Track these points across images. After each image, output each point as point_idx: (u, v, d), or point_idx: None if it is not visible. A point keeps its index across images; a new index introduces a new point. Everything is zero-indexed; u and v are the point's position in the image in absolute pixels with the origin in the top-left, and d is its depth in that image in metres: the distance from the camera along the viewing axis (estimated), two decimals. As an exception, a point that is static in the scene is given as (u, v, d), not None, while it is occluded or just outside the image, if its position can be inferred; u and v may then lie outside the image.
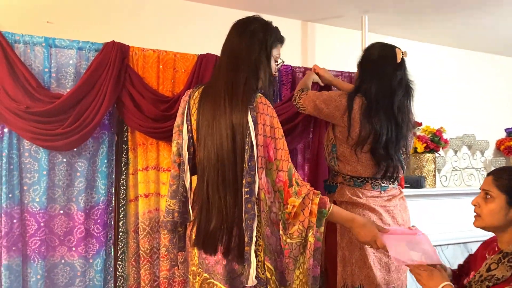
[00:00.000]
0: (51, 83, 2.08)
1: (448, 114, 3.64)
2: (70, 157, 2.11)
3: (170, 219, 1.72)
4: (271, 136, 1.56)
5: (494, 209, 1.51)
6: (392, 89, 1.94)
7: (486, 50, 3.84)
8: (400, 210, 1.99)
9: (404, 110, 1.96)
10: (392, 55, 1.99)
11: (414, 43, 3.55)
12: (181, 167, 1.70)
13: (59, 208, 2.08)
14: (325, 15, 2.99)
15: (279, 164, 1.53)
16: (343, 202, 1.96)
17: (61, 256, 2.08)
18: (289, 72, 2.62)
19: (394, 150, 1.93)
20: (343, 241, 1.93)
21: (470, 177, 3.70)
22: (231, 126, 1.54)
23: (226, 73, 1.61)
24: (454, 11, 2.91)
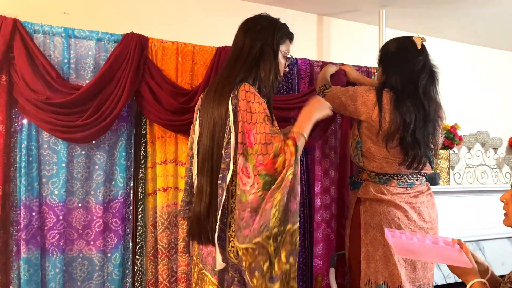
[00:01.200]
0: (70, 74, 2.05)
1: (462, 110, 3.61)
2: (88, 149, 2.08)
3: (182, 208, 1.84)
4: (251, 122, 1.54)
5: None
6: (415, 75, 1.91)
7: (502, 47, 3.81)
8: (427, 207, 1.95)
9: (430, 94, 1.93)
10: (411, 43, 1.97)
11: (431, 39, 3.52)
12: (191, 159, 1.77)
13: (77, 201, 2.05)
14: (342, 9, 2.96)
15: (259, 149, 1.49)
16: (367, 199, 1.94)
17: (79, 250, 2.05)
18: (307, 66, 2.59)
19: (422, 136, 1.88)
20: (367, 237, 1.91)
21: (483, 175, 3.68)
22: (212, 120, 1.62)
23: (223, 70, 1.67)
24: (469, 6, 2.88)
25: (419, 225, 1.88)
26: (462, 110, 3.62)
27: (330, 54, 3.05)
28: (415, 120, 1.86)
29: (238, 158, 1.53)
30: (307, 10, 2.98)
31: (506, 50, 3.90)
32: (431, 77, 1.96)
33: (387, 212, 1.88)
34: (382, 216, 1.88)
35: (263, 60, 1.65)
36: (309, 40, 3.03)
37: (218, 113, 1.60)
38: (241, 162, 1.52)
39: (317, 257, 2.55)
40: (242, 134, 1.54)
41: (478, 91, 3.76)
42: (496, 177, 3.74)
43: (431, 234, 1.88)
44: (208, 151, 1.62)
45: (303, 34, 2.99)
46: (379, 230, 1.88)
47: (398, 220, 1.86)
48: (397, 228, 1.85)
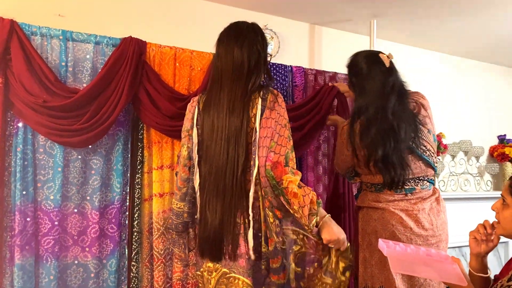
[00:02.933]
0: (68, 77, 2.02)
1: (447, 120, 3.71)
2: (85, 154, 2.05)
3: (181, 220, 1.78)
4: (278, 121, 1.60)
5: (508, 217, 1.41)
6: (385, 98, 1.92)
7: (485, 59, 3.95)
8: (430, 214, 1.94)
9: (400, 115, 1.92)
10: (379, 63, 1.98)
11: (420, 50, 3.62)
12: (191, 169, 1.75)
13: (73, 207, 2.01)
14: (334, 19, 3.01)
15: (273, 146, 1.56)
16: (364, 207, 1.98)
17: (74, 257, 2.01)
18: (302, 74, 2.62)
19: (396, 158, 1.89)
20: (364, 243, 1.94)
21: (466, 182, 3.77)
22: (227, 138, 1.62)
23: (230, 87, 1.66)
24: (456, 20, 2.97)
25: (416, 232, 1.88)
26: (447, 119, 3.72)
27: (321, 63, 3.09)
28: (384, 146, 1.87)
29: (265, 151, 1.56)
30: (300, 19, 3.02)
31: (489, 62, 4.03)
32: (400, 97, 1.96)
33: (381, 219, 1.91)
34: (377, 222, 1.92)
35: (263, 67, 1.72)
36: (302, 48, 3.07)
37: (237, 122, 1.61)
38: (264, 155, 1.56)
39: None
40: (263, 129, 1.59)
41: (462, 101, 3.88)
42: (478, 184, 3.84)
43: (433, 244, 1.91)
44: (221, 175, 1.61)
45: (296, 42, 3.03)
46: (374, 236, 1.91)
47: (392, 227, 1.88)
48: (391, 234, 1.87)
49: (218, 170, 1.62)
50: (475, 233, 1.49)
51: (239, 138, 1.60)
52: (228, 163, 1.60)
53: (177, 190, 1.79)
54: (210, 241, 1.62)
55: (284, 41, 2.94)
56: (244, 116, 1.61)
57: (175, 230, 1.81)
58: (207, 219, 1.64)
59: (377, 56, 2.02)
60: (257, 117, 1.61)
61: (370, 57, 2.04)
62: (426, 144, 1.99)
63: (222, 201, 1.61)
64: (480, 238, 1.47)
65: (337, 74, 2.74)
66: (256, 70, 1.69)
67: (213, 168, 1.64)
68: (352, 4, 2.73)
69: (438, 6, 2.74)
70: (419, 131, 1.98)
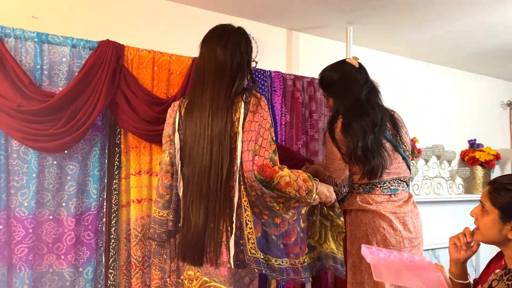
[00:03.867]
0: (43, 81, 1.97)
1: (420, 124, 3.79)
2: (60, 159, 2.00)
3: (165, 229, 1.75)
4: (261, 124, 1.60)
5: (487, 224, 1.39)
6: (360, 92, 2.01)
7: (457, 66, 4.06)
8: (412, 217, 1.98)
9: (373, 102, 2.01)
10: (349, 66, 2.08)
11: (394, 57, 3.70)
12: (174, 176, 1.72)
13: (48, 214, 1.96)
14: (311, 25, 3.04)
15: (257, 149, 1.56)
16: (353, 210, 1.98)
17: (49, 265, 1.96)
18: (280, 79, 2.64)
19: (375, 148, 1.93)
20: (353, 248, 1.94)
21: (439, 186, 3.86)
22: (210, 139, 1.60)
23: (212, 87, 1.65)
24: (430, 26, 3.05)
25: (404, 235, 1.92)
26: (420, 124, 3.80)
27: (299, 68, 3.11)
28: (364, 134, 1.91)
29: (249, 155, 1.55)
30: (277, 25, 3.04)
31: (459, 69, 4.15)
32: (373, 89, 2.08)
33: (372, 222, 1.91)
34: (367, 226, 1.92)
35: (246, 70, 1.71)
36: (279, 53, 3.08)
37: (220, 124, 1.60)
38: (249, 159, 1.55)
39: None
40: (254, 133, 1.58)
41: (435, 107, 3.97)
42: (450, 188, 3.94)
43: (416, 245, 1.95)
44: (205, 176, 1.59)
45: (274, 47, 3.04)
46: (365, 240, 1.91)
47: (383, 230, 1.90)
48: (383, 238, 1.89)
49: (202, 171, 1.59)
50: (455, 239, 1.49)
51: (223, 140, 1.59)
52: (212, 164, 1.58)
53: (159, 197, 1.75)
54: (193, 245, 1.60)
55: (263, 46, 2.95)
56: (227, 120, 1.60)
57: (158, 240, 1.77)
58: (190, 222, 1.61)
59: (344, 61, 2.12)
60: (240, 121, 1.60)
61: (337, 65, 2.12)
62: (406, 144, 2.06)
63: (206, 204, 1.59)
64: (459, 245, 1.48)
65: (315, 80, 2.76)
66: (239, 73, 1.68)
67: (196, 169, 1.61)
68: (329, 10, 2.76)
69: (411, 13, 2.81)
70: (400, 128, 2.05)
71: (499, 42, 3.33)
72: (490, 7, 2.69)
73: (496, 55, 3.68)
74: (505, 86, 4.59)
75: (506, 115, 4.61)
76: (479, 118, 4.32)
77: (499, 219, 1.37)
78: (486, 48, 3.48)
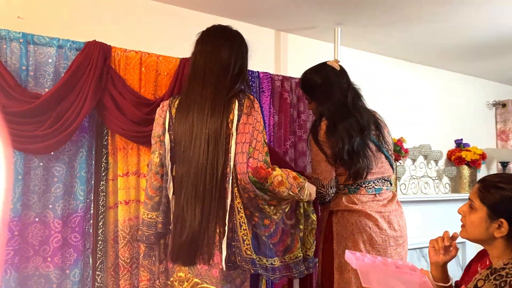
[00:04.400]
0: (29, 82, 1.95)
1: (407, 125, 3.83)
2: (47, 161, 1.98)
3: (153, 231, 1.76)
4: (255, 127, 1.62)
5: (475, 221, 1.40)
6: (343, 96, 2.04)
7: (444, 67, 4.11)
8: (396, 216, 2.01)
9: (358, 106, 2.05)
10: (331, 69, 2.09)
11: (382, 57, 3.72)
12: (164, 177, 1.72)
13: (34, 216, 1.94)
14: (298, 26, 3.05)
15: (251, 152, 1.58)
16: (339, 210, 1.99)
17: (35, 268, 1.93)
18: (268, 80, 2.64)
19: (361, 149, 1.95)
20: (340, 248, 1.95)
21: (426, 185, 3.90)
22: (207, 138, 1.61)
23: (215, 86, 1.67)
24: (417, 27, 3.08)
25: (389, 234, 1.94)
26: (408, 124, 3.84)
27: (287, 69, 3.12)
28: (350, 137, 1.93)
29: (243, 157, 1.58)
30: (266, 25, 3.05)
31: (448, 70, 4.20)
32: (356, 93, 2.11)
33: (358, 222, 1.93)
34: (354, 226, 1.93)
35: (244, 73, 1.75)
36: (267, 54, 3.09)
37: (216, 124, 1.61)
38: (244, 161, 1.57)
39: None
40: (248, 135, 1.60)
41: (422, 107, 4.01)
42: (437, 187, 3.98)
43: (401, 244, 1.97)
44: (201, 176, 1.60)
45: (262, 48, 3.04)
46: (351, 240, 1.93)
47: (369, 230, 1.92)
48: (369, 237, 1.91)
49: (198, 170, 1.60)
50: (434, 242, 1.51)
51: (218, 140, 1.60)
52: (208, 163, 1.59)
53: (147, 199, 1.75)
54: (187, 245, 1.60)
55: (251, 47, 2.93)
56: (223, 120, 1.61)
57: (146, 242, 1.77)
58: (185, 222, 1.61)
59: (325, 64, 2.13)
60: (234, 123, 1.61)
61: (319, 68, 2.14)
62: (389, 144, 2.09)
63: (201, 204, 1.59)
64: (438, 248, 1.49)
65: (302, 80, 2.77)
66: (240, 75, 1.71)
67: (192, 168, 1.61)
68: (316, 11, 2.77)
69: (398, 14, 2.83)
70: (382, 129, 2.06)
71: (485, 42, 3.37)
72: (476, 7, 2.72)
73: (482, 56, 3.73)
74: (491, 87, 4.65)
75: (491, 115, 4.67)
76: (466, 118, 4.37)
77: (486, 217, 1.38)
78: (472, 49, 3.53)
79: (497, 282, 1.30)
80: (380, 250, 1.92)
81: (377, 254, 1.92)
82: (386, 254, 1.93)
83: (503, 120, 4.64)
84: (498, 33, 3.16)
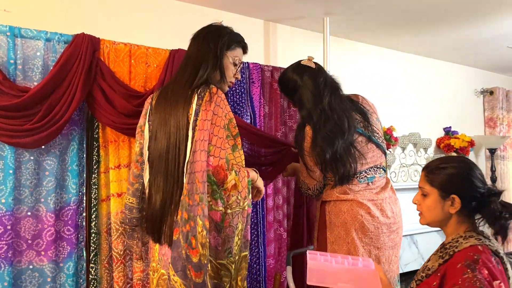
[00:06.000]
0: (17, 76, 1.93)
1: (397, 113, 3.86)
2: (38, 154, 1.98)
3: (135, 215, 1.85)
4: (214, 123, 1.62)
5: (431, 205, 1.48)
6: (320, 96, 2.01)
7: (431, 55, 4.13)
8: (390, 203, 2.03)
9: (336, 106, 2.00)
10: (307, 68, 2.08)
11: (370, 47, 3.74)
12: (142, 166, 1.80)
13: (26, 210, 1.94)
14: (287, 16, 3.05)
15: (212, 149, 1.59)
16: (332, 201, 2.01)
17: (29, 261, 1.94)
18: (258, 71, 2.65)
19: (345, 153, 1.95)
20: (332, 236, 1.98)
21: (416, 173, 3.95)
22: (171, 123, 1.67)
23: (177, 74, 1.78)
24: (404, 19, 3.10)
25: (382, 221, 1.96)
26: (397, 113, 3.87)
27: (277, 59, 3.13)
28: (331, 145, 1.93)
29: (202, 155, 1.55)
30: (254, 16, 3.04)
31: (434, 58, 4.23)
32: (334, 89, 2.06)
33: (350, 210, 1.95)
34: (346, 214, 1.96)
35: (210, 63, 1.75)
36: (257, 45, 3.09)
37: (176, 115, 1.66)
38: (203, 159, 1.55)
39: (269, 256, 2.61)
40: (206, 132, 1.59)
41: (411, 96, 4.05)
42: (426, 175, 4.03)
43: (394, 230, 2.00)
44: (165, 151, 1.66)
45: (251, 39, 3.02)
46: (344, 228, 1.95)
47: (361, 218, 1.94)
48: (361, 225, 1.93)
49: (162, 153, 1.67)
50: None
51: (180, 132, 1.64)
52: (170, 150, 1.65)
53: (129, 185, 1.84)
54: (154, 219, 1.68)
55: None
56: (183, 114, 1.64)
57: (129, 224, 1.87)
58: (151, 197, 1.69)
59: (300, 65, 2.12)
60: (191, 118, 1.63)
61: (297, 68, 2.12)
62: (378, 130, 2.09)
63: (164, 183, 1.65)
64: None
65: (292, 70, 2.78)
66: (202, 63, 1.73)
67: (157, 151, 1.68)
68: (305, 1, 2.78)
69: (385, 2, 2.84)
70: (370, 116, 2.07)
71: (473, 31, 3.41)
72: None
73: (470, 44, 3.76)
74: (479, 74, 4.70)
75: (479, 102, 4.72)
76: (454, 106, 4.42)
77: (439, 198, 1.46)
78: (460, 37, 3.55)
79: (441, 254, 1.43)
80: (373, 237, 1.95)
81: (370, 241, 1.94)
82: (378, 241, 1.96)
83: (490, 107, 4.70)
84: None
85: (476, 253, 1.34)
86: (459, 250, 1.38)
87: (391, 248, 1.99)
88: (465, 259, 1.34)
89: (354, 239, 1.92)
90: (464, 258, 1.34)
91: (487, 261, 1.33)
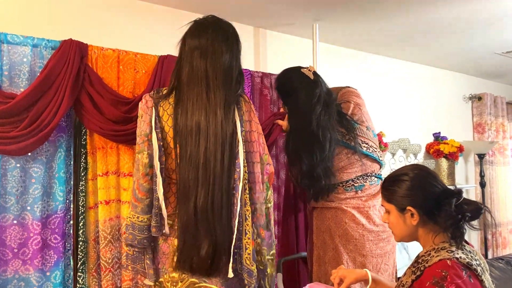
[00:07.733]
0: (3, 82, 1.91)
1: (387, 119, 3.88)
2: (24, 162, 1.95)
3: (147, 235, 1.65)
4: (258, 132, 1.67)
5: (394, 222, 1.45)
6: (311, 109, 1.99)
7: (422, 62, 4.17)
8: (380, 210, 2.03)
9: (324, 124, 1.98)
10: (305, 77, 2.07)
11: (360, 53, 3.76)
12: (153, 179, 1.63)
13: (12, 218, 1.90)
14: (277, 22, 3.06)
15: (267, 158, 1.66)
16: (317, 208, 2.03)
17: (14, 271, 1.90)
18: (248, 77, 2.65)
19: (321, 170, 1.95)
20: (318, 241, 1.99)
21: (406, 179, 3.96)
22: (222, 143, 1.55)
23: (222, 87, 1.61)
24: (393, 22, 3.12)
25: (368, 228, 1.97)
26: (386, 118, 3.89)
27: (267, 66, 3.13)
28: (307, 161, 1.95)
29: (256, 167, 1.62)
30: (244, 22, 3.04)
31: (423, 64, 4.27)
32: (326, 106, 2.04)
33: (334, 217, 1.97)
34: (330, 220, 1.98)
35: (242, 77, 1.73)
36: (247, 51, 3.07)
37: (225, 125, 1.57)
38: (258, 171, 1.63)
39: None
40: (256, 143, 1.63)
41: (400, 101, 4.07)
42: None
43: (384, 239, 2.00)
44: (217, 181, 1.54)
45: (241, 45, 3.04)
46: (328, 234, 1.96)
47: (345, 224, 1.95)
48: (344, 232, 1.94)
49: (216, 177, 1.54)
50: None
51: (232, 147, 1.56)
52: (224, 171, 1.54)
53: (137, 202, 1.63)
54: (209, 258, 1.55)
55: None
56: (235, 126, 1.58)
57: (139, 246, 1.66)
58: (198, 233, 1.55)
59: (301, 73, 2.10)
60: (238, 129, 1.58)
61: (296, 72, 2.12)
62: (367, 140, 2.09)
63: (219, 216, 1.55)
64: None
65: (282, 77, 2.78)
66: (241, 80, 1.69)
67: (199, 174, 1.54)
68: (294, 8, 2.78)
69: (376, 9, 2.86)
70: (356, 130, 2.06)
71: (463, 38, 3.44)
72: (452, 2, 2.77)
73: (459, 51, 3.80)
74: (467, 80, 4.75)
75: (468, 108, 4.77)
76: (443, 111, 4.46)
77: (398, 213, 1.42)
78: (448, 43, 3.59)
79: (414, 269, 1.38)
80: (358, 244, 1.95)
81: (354, 248, 1.95)
82: (364, 249, 1.95)
83: (479, 113, 4.74)
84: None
85: (444, 269, 1.28)
86: (429, 266, 1.33)
87: (379, 256, 1.98)
88: (433, 277, 1.29)
89: (337, 246, 1.93)
90: (432, 276, 1.29)
91: (456, 276, 1.26)
